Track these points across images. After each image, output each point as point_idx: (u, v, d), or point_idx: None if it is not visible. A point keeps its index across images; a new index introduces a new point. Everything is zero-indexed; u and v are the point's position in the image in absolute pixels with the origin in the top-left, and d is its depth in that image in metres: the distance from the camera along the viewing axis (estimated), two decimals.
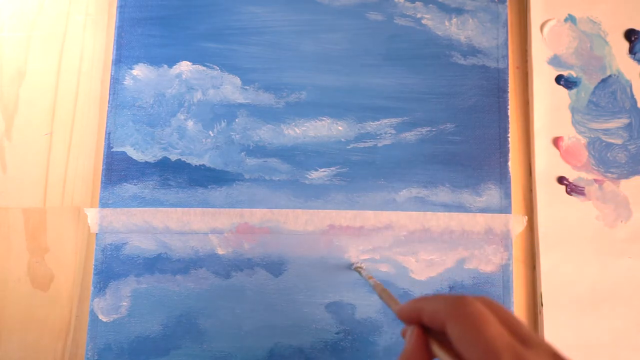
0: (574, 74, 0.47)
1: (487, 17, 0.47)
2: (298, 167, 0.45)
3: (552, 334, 0.43)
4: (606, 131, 0.46)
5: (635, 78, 0.47)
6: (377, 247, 0.44)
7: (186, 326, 0.43)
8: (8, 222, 0.45)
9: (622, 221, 0.45)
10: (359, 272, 0.42)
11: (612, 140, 0.46)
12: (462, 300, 0.24)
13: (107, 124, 0.45)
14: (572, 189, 0.45)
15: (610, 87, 0.47)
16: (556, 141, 0.46)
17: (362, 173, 0.45)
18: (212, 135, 0.46)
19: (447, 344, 0.24)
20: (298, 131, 0.46)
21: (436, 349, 0.24)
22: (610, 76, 0.47)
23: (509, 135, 0.46)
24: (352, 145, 0.46)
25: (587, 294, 0.44)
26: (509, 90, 0.46)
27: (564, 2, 0.48)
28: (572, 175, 0.46)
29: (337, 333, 0.43)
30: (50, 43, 0.47)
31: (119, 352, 0.42)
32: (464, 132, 0.46)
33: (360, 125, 0.46)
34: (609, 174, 0.46)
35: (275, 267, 0.44)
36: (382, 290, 0.34)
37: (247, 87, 0.46)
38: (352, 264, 0.44)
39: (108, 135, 0.45)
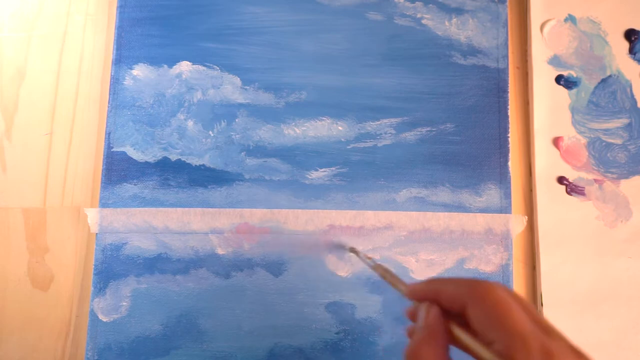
0: (574, 74, 0.47)
1: (487, 17, 0.47)
2: (298, 167, 0.45)
3: None
4: (606, 131, 0.46)
5: (635, 78, 0.47)
6: (377, 247, 0.44)
7: (186, 326, 0.43)
8: (8, 222, 0.45)
9: (622, 221, 0.45)
10: (356, 254, 0.41)
11: (612, 140, 0.46)
12: (485, 285, 0.24)
13: (107, 124, 0.45)
14: (572, 189, 0.45)
15: (610, 87, 0.47)
16: (556, 141, 0.46)
17: (362, 173, 0.45)
18: (212, 135, 0.46)
19: (464, 326, 0.24)
20: (298, 131, 0.46)
21: (457, 331, 0.24)
22: (610, 76, 0.47)
23: (509, 135, 0.46)
24: (352, 145, 0.46)
25: (587, 294, 0.44)
26: (509, 90, 0.46)
27: (564, 2, 0.48)
28: (572, 175, 0.46)
29: (337, 333, 0.43)
30: (50, 43, 0.47)
31: (119, 352, 0.42)
32: (464, 132, 0.46)
33: (360, 125, 0.46)
34: (609, 174, 0.46)
35: (275, 267, 0.44)
36: (385, 270, 0.33)
37: (247, 87, 0.46)
38: (344, 247, 0.43)
39: (108, 135, 0.45)
